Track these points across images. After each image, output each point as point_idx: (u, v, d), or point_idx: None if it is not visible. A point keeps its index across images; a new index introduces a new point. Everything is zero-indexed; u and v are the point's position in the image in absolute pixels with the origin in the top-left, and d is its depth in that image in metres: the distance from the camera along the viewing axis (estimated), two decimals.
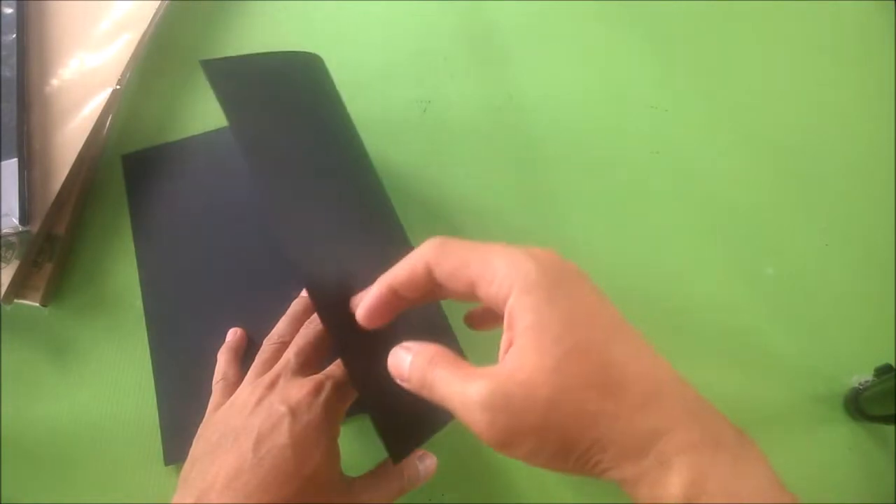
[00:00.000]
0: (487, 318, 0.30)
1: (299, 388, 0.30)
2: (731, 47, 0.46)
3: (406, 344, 0.26)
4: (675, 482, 0.21)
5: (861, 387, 0.37)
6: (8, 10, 0.45)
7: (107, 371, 0.40)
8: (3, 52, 0.43)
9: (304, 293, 0.39)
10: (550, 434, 0.22)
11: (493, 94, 0.45)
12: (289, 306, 0.38)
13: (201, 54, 0.47)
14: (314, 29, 0.47)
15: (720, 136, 0.43)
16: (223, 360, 0.38)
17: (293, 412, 0.29)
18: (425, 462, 0.33)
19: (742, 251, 0.41)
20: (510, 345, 0.23)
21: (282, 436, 0.29)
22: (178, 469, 0.38)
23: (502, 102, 0.44)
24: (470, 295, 0.25)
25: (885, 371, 0.36)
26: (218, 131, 0.45)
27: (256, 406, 0.31)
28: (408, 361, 0.25)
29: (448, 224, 0.42)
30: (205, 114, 0.45)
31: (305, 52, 0.39)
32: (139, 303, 0.41)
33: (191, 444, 0.33)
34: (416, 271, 0.26)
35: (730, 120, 0.44)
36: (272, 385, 0.32)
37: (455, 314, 0.34)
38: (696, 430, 0.22)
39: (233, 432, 0.30)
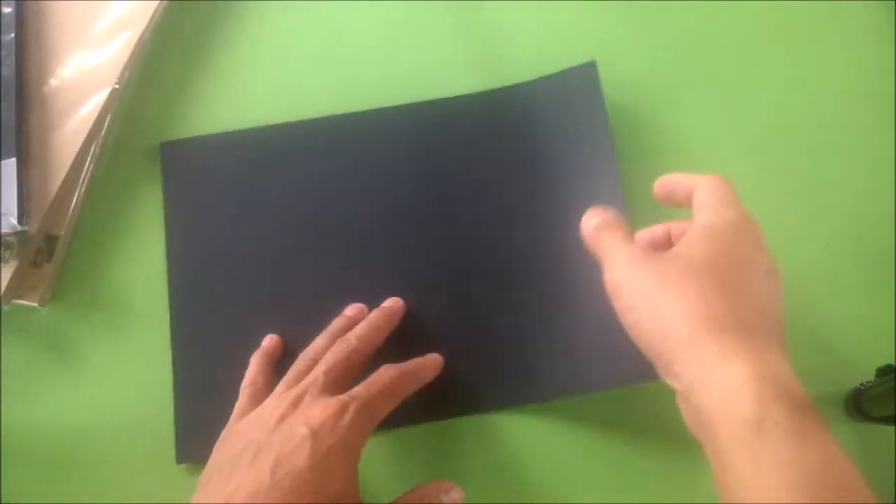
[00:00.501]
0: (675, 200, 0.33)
1: (323, 409, 0.30)
2: (730, 47, 0.45)
3: (596, 210, 0.32)
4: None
5: (862, 387, 0.37)
6: (7, 10, 0.44)
7: (105, 371, 0.40)
8: (2, 52, 0.43)
9: (346, 312, 0.38)
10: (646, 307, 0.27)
11: None
12: (330, 322, 0.38)
13: (201, 53, 0.47)
14: (314, 28, 0.47)
15: (720, 135, 0.43)
16: (255, 364, 0.37)
17: (315, 434, 0.29)
18: (451, 495, 0.32)
19: None
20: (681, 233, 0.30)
21: (301, 459, 0.28)
22: (186, 469, 0.38)
23: None
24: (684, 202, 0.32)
25: (886, 372, 0.36)
26: (267, 128, 0.43)
27: (279, 423, 0.30)
28: (590, 223, 0.32)
29: None
30: (205, 114, 0.45)
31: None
32: (138, 303, 0.41)
33: (204, 446, 0.33)
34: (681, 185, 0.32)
35: (729, 119, 0.44)
36: (297, 402, 0.31)
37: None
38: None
39: (254, 446, 0.30)
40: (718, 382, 0.25)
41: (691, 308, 0.26)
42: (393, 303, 0.39)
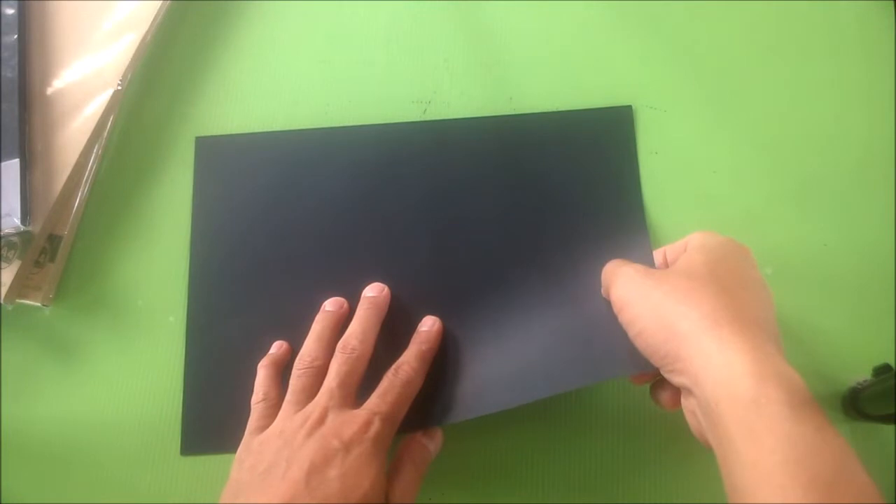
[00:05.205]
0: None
1: (351, 425, 0.32)
2: (729, 47, 0.46)
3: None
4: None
5: (859, 386, 0.37)
6: (9, 11, 0.45)
7: (107, 371, 0.41)
8: (5, 53, 0.43)
9: (327, 307, 0.39)
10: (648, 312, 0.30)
11: (493, 96, 0.45)
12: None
13: (203, 54, 0.47)
14: (315, 29, 0.48)
15: (718, 135, 0.44)
16: (264, 377, 0.37)
17: (347, 447, 0.31)
18: (434, 439, 0.36)
19: None
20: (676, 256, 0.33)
21: (334, 469, 0.30)
22: (188, 468, 0.38)
23: (502, 104, 0.45)
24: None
25: (883, 371, 0.36)
26: (299, 132, 0.44)
27: (308, 438, 0.32)
28: (605, 268, 0.35)
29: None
30: (208, 115, 0.46)
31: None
32: (140, 303, 0.42)
33: (209, 439, 0.38)
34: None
35: (728, 119, 0.44)
36: (322, 420, 0.33)
37: None
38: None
39: (284, 462, 0.31)
40: (719, 369, 0.26)
41: (692, 309, 0.28)
42: (377, 291, 0.39)
